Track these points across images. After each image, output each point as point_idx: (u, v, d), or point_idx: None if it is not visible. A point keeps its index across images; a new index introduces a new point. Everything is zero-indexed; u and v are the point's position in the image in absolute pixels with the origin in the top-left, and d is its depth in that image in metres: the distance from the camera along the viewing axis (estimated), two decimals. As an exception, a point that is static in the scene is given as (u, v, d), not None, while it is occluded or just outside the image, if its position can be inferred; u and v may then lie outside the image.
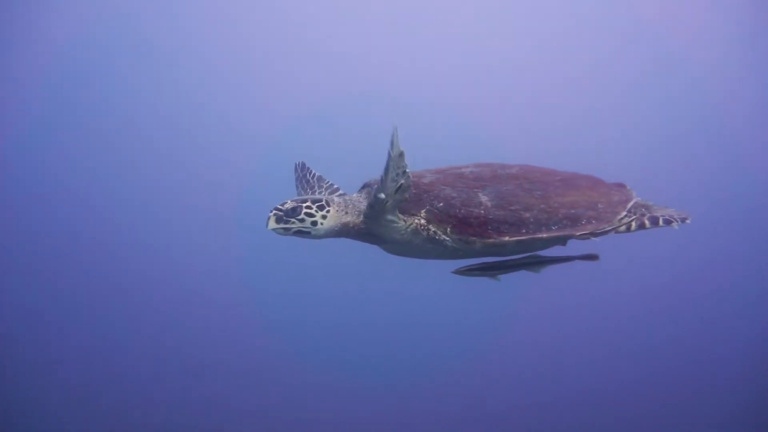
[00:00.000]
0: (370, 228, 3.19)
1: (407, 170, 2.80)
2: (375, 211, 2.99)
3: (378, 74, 13.63)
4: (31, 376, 10.18)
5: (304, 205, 3.17)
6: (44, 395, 9.88)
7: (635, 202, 3.45)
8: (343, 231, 3.32)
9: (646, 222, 3.37)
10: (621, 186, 3.64)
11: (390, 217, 3.04)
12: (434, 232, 3.11)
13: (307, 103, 12.97)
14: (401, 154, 2.69)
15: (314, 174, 4.51)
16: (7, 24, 10.71)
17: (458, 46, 13.73)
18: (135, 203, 11.20)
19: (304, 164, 4.58)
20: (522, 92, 13.63)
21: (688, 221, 3.40)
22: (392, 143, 2.59)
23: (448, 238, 3.10)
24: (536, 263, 3.49)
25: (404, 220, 3.14)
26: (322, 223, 3.18)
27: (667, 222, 3.37)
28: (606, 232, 3.30)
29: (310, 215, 3.16)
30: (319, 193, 4.27)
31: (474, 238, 3.05)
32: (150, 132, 12.29)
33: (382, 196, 2.79)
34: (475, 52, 13.79)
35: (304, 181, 4.45)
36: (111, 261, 12.07)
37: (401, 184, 2.82)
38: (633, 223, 3.36)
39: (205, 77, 12.76)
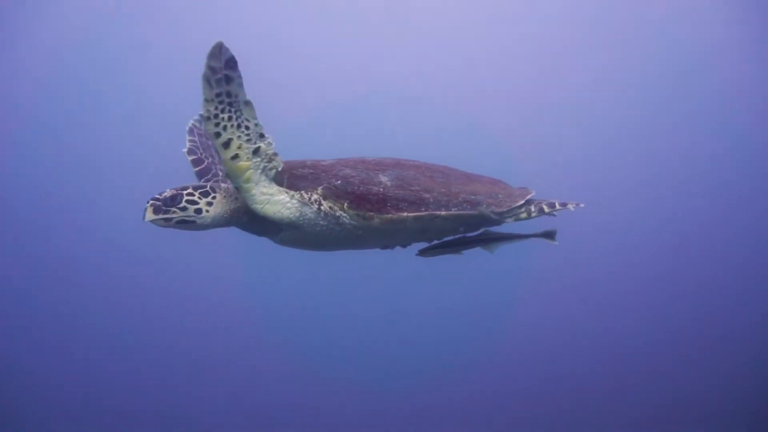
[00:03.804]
0: (252, 207, 2.98)
1: (263, 133, 2.85)
2: (223, 164, 2.83)
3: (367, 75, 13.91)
4: (28, 378, 10.35)
5: (185, 192, 2.99)
6: (41, 396, 10.10)
7: (533, 196, 3.67)
8: (234, 218, 3.18)
9: (545, 207, 3.59)
10: (523, 188, 3.81)
11: (264, 189, 2.96)
12: (330, 207, 3.05)
13: (304, 105, 13.21)
14: (248, 103, 2.74)
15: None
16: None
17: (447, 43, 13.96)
18: (133, 202, 11.46)
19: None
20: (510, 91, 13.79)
21: (582, 206, 3.61)
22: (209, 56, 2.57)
23: (345, 214, 3.05)
24: (491, 240, 3.55)
25: (286, 192, 3.05)
26: (207, 211, 3.02)
27: (563, 205, 3.60)
28: (503, 214, 3.49)
29: (193, 203, 2.98)
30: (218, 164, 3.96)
31: (372, 213, 3.03)
32: (148, 132, 12.61)
33: (201, 114, 2.73)
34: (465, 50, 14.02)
35: (201, 146, 3.97)
36: (109, 261, 12.32)
37: (259, 146, 2.85)
38: (532, 208, 3.59)
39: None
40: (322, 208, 3.07)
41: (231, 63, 2.65)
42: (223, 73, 2.64)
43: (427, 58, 14.11)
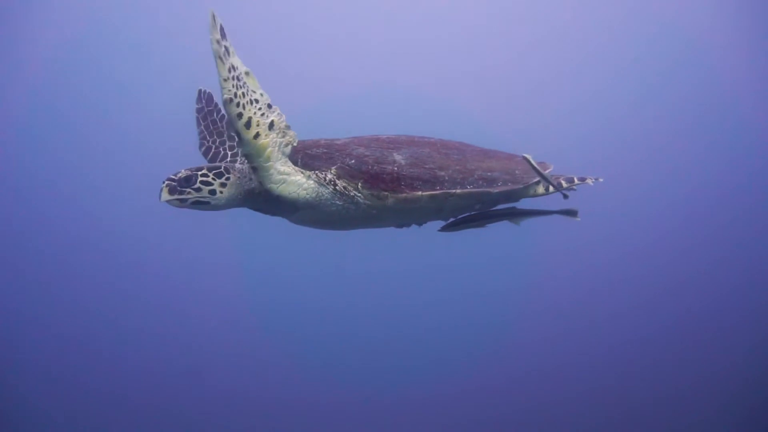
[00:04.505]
0: (268, 187, 2.92)
1: (270, 103, 2.76)
2: (244, 145, 2.72)
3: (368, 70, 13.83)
4: (28, 378, 10.34)
5: (200, 173, 2.95)
6: (41, 396, 10.06)
7: (551, 171, 3.62)
8: (248, 199, 3.13)
9: (563, 182, 3.56)
10: (541, 163, 3.70)
11: (281, 167, 2.89)
12: (344, 187, 3.01)
13: (305, 99, 13.10)
14: (248, 73, 2.66)
15: (223, 115, 4.00)
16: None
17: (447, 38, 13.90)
18: (132, 202, 11.40)
19: (211, 96, 4.06)
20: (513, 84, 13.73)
21: (600, 180, 3.56)
22: (210, 29, 2.42)
23: (359, 194, 3.03)
24: (516, 215, 3.54)
25: (302, 172, 3.01)
26: (221, 192, 2.98)
27: (581, 179, 3.58)
28: (518, 192, 3.46)
29: (207, 184, 2.94)
30: (227, 139, 3.92)
31: (386, 193, 3.01)
32: (145, 131, 12.55)
33: (225, 96, 2.56)
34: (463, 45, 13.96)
35: (209, 120, 4.00)
36: (107, 260, 12.27)
37: (272, 120, 2.77)
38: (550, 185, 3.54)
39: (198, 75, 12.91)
40: (336, 188, 3.03)
41: (223, 32, 2.52)
42: (223, 44, 2.51)
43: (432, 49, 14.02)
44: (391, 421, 10.25)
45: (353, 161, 3.08)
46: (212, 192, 2.97)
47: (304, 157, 3.10)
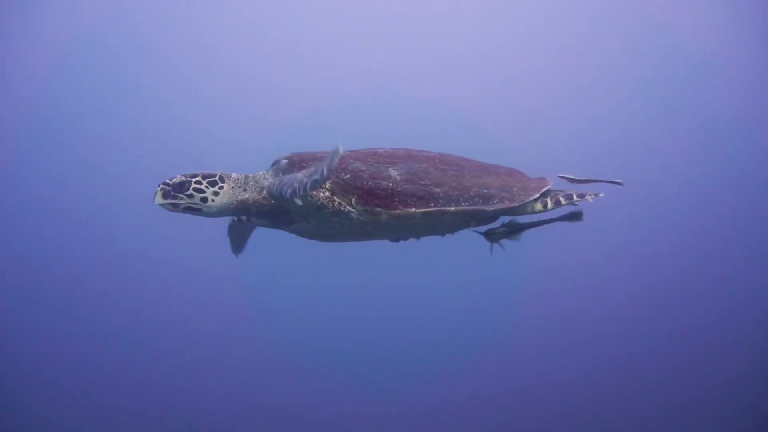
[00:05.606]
0: (277, 201, 2.98)
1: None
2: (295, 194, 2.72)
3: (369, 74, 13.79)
4: (28, 380, 10.38)
5: (194, 180, 3.01)
6: (41, 398, 10.10)
7: (550, 188, 3.55)
8: (241, 209, 3.16)
9: (561, 199, 3.49)
10: (541, 178, 3.68)
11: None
12: (339, 203, 3.01)
13: (304, 106, 13.08)
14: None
15: None
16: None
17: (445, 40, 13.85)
18: (131, 203, 11.44)
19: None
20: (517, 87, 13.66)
21: (601, 195, 3.50)
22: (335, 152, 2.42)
23: (353, 210, 3.02)
24: (518, 230, 3.52)
25: (311, 195, 2.98)
26: (213, 200, 3.04)
27: (580, 196, 3.49)
28: (514, 210, 3.41)
29: (200, 191, 3.01)
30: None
31: (379, 209, 3.00)
32: (146, 135, 12.61)
33: (317, 177, 2.54)
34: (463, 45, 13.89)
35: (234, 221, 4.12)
36: (106, 261, 12.32)
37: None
38: (549, 201, 3.48)
39: (201, 80, 12.95)
40: (333, 204, 3.03)
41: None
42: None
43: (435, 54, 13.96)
44: (391, 428, 10.25)
45: (348, 176, 3.07)
46: (204, 200, 3.04)
47: (300, 170, 3.04)
